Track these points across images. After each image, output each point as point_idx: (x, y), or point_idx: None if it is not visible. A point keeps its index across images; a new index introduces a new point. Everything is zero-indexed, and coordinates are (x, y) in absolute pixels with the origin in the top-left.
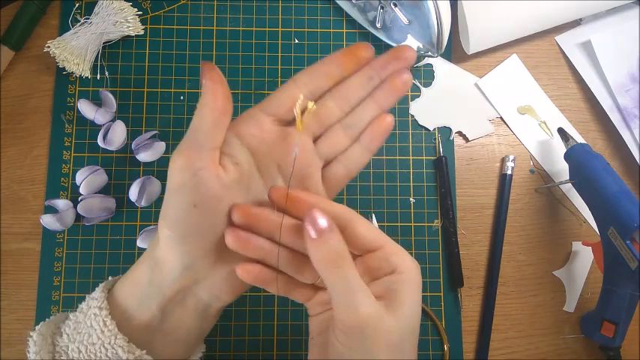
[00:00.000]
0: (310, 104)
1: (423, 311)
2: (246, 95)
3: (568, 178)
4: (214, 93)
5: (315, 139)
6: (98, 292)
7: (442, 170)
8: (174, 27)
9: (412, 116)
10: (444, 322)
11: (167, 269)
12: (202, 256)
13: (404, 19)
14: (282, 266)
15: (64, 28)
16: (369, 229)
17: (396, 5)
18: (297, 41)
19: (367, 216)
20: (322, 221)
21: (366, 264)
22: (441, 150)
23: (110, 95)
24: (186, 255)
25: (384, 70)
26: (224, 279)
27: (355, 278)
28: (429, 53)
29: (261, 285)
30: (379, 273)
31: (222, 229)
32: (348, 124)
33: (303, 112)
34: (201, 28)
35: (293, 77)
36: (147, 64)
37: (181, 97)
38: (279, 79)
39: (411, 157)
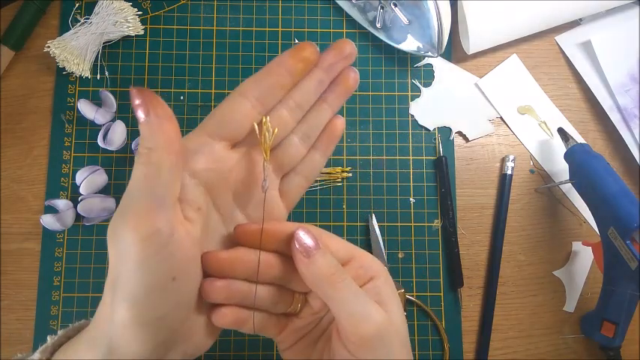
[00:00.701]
0: (264, 121)
1: (424, 311)
2: None
3: (568, 178)
4: (164, 131)
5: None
6: None
7: (442, 170)
8: (174, 27)
9: (412, 116)
10: (444, 322)
11: (128, 355)
12: (177, 329)
13: (404, 19)
14: (259, 303)
15: (64, 28)
16: (338, 243)
17: (396, 5)
18: (297, 41)
19: (367, 216)
20: (309, 240)
21: None
22: (441, 150)
23: (110, 95)
24: (154, 338)
25: (333, 70)
26: (199, 335)
27: (358, 289)
28: (429, 53)
29: (237, 326)
30: (360, 281)
31: (196, 288)
32: (306, 134)
33: (260, 128)
34: (201, 28)
35: (239, 90)
36: (147, 64)
37: (181, 97)
38: None
39: (411, 157)
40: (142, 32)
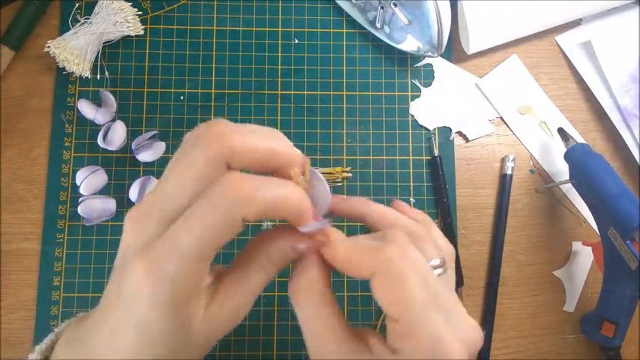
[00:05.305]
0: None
1: None
2: (246, 95)
3: (568, 178)
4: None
5: None
6: None
7: (436, 170)
8: (174, 27)
9: (412, 116)
10: None
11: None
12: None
13: (404, 19)
14: None
15: (64, 28)
16: (383, 294)
17: (396, 5)
18: (297, 41)
19: None
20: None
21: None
22: (436, 150)
23: (110, 95)
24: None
25: None
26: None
27: (316, 324)
28: (429, 53)
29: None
30: (387, 338)
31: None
32: None
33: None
34: (201, 28)
35: None
36: (147, 64)
37: (181, 97)
38: (279, 79)
39: (410, 157)
40: (141, 32)
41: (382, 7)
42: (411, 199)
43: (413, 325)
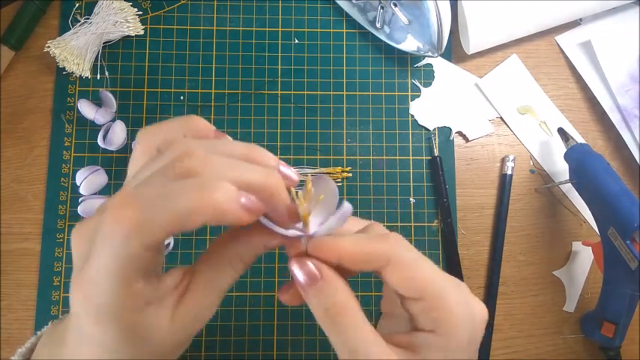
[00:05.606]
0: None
1: None
2: (246, 95)
3: (568, 178)
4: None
5: None
6: None
7: (436, 170)
8: (174, 27)
9: (412, 116)
10: None
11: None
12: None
13: (404, 19)
14: None
15: (64, 28)
16: (401, 278)
17: (396, 5)
18: (297, 41)
19: (367, 217)
20: (311, 267)
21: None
22: (436, 150)
23: (110, 95)
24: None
25: None
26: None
27: (357, 336)
28: (429, 53)
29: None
30: (417, 325)
31: None
32: None
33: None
34: (201, 28)
35: None
36: (147, 64)
37: (181, 97)
38: (279, 79)
39: (410, 157)
40: (141, 32)
41: (382, 7)
42: (411, 199)
43: (441, 295)
